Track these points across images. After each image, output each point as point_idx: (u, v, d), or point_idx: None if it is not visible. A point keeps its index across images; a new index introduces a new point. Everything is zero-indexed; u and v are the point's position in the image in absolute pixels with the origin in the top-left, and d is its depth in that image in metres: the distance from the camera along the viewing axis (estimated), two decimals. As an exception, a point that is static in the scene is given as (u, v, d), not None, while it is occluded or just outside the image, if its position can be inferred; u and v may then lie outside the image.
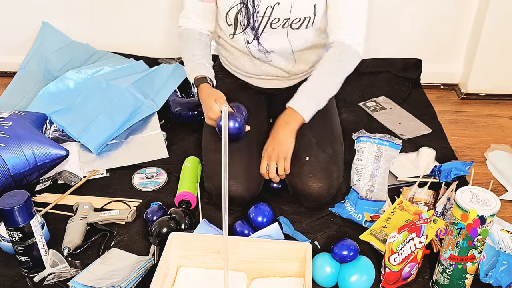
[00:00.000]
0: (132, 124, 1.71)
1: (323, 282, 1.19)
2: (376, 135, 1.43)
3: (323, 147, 1.41)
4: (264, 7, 1.35)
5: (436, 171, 1.47)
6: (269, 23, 1.38)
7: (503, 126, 1.88)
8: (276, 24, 1.38)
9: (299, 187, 1.38)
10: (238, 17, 1.38)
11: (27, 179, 1.45)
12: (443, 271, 1.13)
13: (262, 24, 1.38)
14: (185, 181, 1.46)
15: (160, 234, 1.26)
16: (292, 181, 1.39)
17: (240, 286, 1.14)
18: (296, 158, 1.39)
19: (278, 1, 1.34)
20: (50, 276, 1.20)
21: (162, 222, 1.28)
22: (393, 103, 1.97)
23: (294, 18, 1.36)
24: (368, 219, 1.36)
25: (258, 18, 1.37)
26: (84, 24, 2.13)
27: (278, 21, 1.37)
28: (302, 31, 1.39)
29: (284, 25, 1.38)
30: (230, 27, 1.41)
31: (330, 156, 1.40)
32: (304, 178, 1.36)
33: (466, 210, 1.02)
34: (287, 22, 1.37)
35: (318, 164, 1.37)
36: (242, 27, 1.40)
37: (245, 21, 1.38)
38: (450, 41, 2.08)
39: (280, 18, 1.37)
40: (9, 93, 1.94)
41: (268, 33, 1.40)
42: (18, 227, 1.15)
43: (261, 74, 1.53)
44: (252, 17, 1.36)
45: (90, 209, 1.38)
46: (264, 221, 1.31)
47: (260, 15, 1.36)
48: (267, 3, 1.35)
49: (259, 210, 1.33)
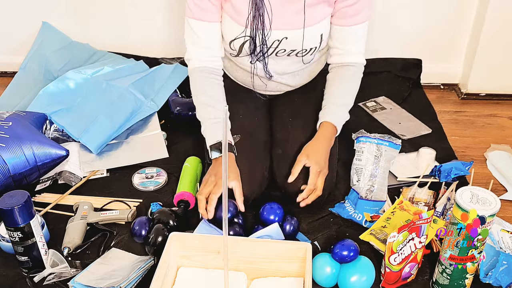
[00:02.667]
0: (132, 124, 1.71)
1: (323, 282, 1.19)
2: (375, 135, 1.43)
3: None
4: (272, 41, 1.36)
5: (436, 171, 1.47)
6: (275, 53, 1.39)
7: (503, 126, 1.88)
8: (282, 53, 1.40)
9: (290, 189, 1.37)
10: (243, 46, 1.38)
11: (27, 179, 1.45)
12: (443, 271, 1.13)
13: (268, 53, 1.39)
14: (185, 181, 1.46)
15: (155, 243, 1.23)
16: (283, 183, 1.39)
17: (240, 286, 1.14)
18: (287, 159, 1.39)
19: (286, 36, 1.35)
20: (50, 276, 1.20)
21: (158, 230, 1.26)
22: (393, 103, 1.97)
23: (301, 49, 1.38)
24: (368, 219, 1.36)
25: (264, 49, 1.37)
26: (84, 24, 2.13)
27: (284, 51, 1.39)
28: (307, 57, 1.42)
29: (290, 54, 1.40)
30: (234, 51, 1.41)
31: None
32: (295, 180, 1.35)
33: (466, 210, 1.02)
34: (293, 52, 1.39)
35: None
36: (246, 53, 1.40)
37: (250, 50, 1.38)
38: (450, 41, 2.08)
39: (286, 49, 1.38)
40: (9, 93, 1.94)
41: (273, 59, 1.41)
42: (18, 227, 1.15)
43: (262, 88, 1.54)
44: (258, 48, 1.37)
45: (90, 209, 1.38)
46: (276, 219, 1.31)
47: (267, 47, 1.37)
48: (275, 37, 1.35)
49: (270, 209, 1.33)
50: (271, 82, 1.51)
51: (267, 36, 1.34)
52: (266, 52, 1.38)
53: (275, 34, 1.35)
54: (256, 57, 1.39)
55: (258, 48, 1.36)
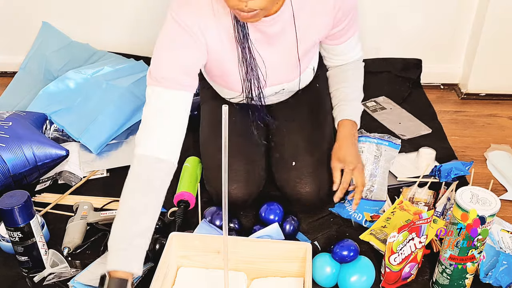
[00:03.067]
0: (132, 124, 1.71)
1: (323, 282, 1.19)
2: (375, 135, 1.43)
3: (310, 150, 1.39)
4: (268, 94, 1.36)
5: (436, 171, 1.47)
6: (272, 96, 1.41)
7: (503, 126, 1.88)
8: (279, 96, 1.43)
9: (288, 192, 1.38)
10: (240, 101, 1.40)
11: (27, 179, 1.45)
12: (443, 271, 1.13)
13: (265, 101, 1.38)
14: (185, 181, 1.46)
15: (154, 250, 1.22)
16: (281, 186, 1.40)
17: (240, 286, 1.14)
18: (283, 163, 1.39)
19: (283, 88, 1.37)
20: (50, 276, 1.20)
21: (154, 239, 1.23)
22: (393, 103, 1.96)
23: (298, 89, 1.42)
24: (368, 219, 1.36)
25: (262, 101, 1.36)
26: (84, 24, 2.13)
27: (282, 94, 1.43)
28: None
29: (287, 94, 1.45)
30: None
31: (318, 159, 1.38)
32: (292, 183, 1.36)
33: (466, 210, 1.02)
34: (290, 93, 1.44)
35: (305, 169, 1.36)
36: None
37: (247, 101, 1.37)
38: (450, 41, 2.08)
39: (284, 93, 1.42)
40: (9, 93, 1.94)
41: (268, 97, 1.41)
42: (18, 227, 1.15)
43: None
44: (255, 98, 1.35)
45: (90, 209, 1.38)
46: (276, 219, 1.32)
47: (263, 97, 1.35)
48: (272, 91, 1.36)
49: (270, 209, 1.33)
50: None
51: (264, 92, 1.33)
52: (264, 99, 1.37)
53: (272, 88, 1.35)
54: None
55: (255, 98, 1.35)
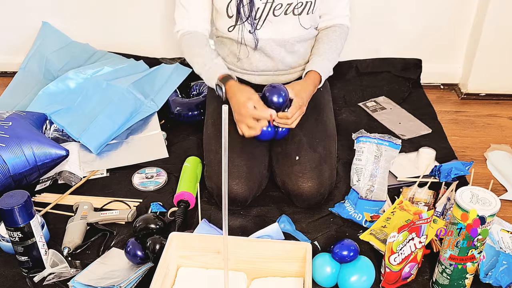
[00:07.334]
0: (132, 124, 1.71)
1: (323, 282, 1.19)
2: (375, 135, 1.43)
3: (314, 146, 1.41)
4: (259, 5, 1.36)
5: (436, 171, 1.47)
6: (272, 10, 1.40)
7: (503, 126, 1.88)
8: (278, 11, 1.40)
9: (290, 187, 1.38)
10: (240, 8, 1.38)
11: (27, 179, 1.45)
12: (443, 271, 1.13)
13: (265, 12, 1.39)
14: (185, 181, 1.46)
15: (154, 250, 1.21)
16: (283, 181, 1.40)
17: (240, 286, 1.14)
18: (287, 157, 1.40)
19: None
20: (50, 276, 1.20)
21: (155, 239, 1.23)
22: (393, 103, 1.97)
23: (297, 2, 1.39)
24: (368, 219, 1.36)
25: (261, 6, 1.38)
26: (84, 24, 2.13)
27: (280, 6, 1.40)
28: (304, 17, 1.43)
29: (286, 11, 1.40)
30: (231, 18, 1.42)
31: (321, 155, 1.40)
32: (294, 178, 1.37)
33: (466, 210, 1.02)
34: (289, 7, 1.40)
35: (308, 164, 1.38)
36: (243, 19, 1.40)
37: (247, 11, 1.38)
38: (450, 41, 2.08)
39: (283, 4, 1.39)
40: (9, 93, 1.94)
41: (270, 21, 1.42)
42: (18, 227, 1.15)
43: (257, 70, 1.53)
44: (254, 6, 1.38)
45: (90, 209, 1.39)
46: (280, 101, 1.32)
47: (263, 2, 1.37)
48: None
49: (274, 90, 1.33)
50: (267, 60, 1.50)
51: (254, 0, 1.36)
52: (264, 9, 1.39)
53: None
54: (254, 20, 1.41)
55: (254, 6, 1.38)
